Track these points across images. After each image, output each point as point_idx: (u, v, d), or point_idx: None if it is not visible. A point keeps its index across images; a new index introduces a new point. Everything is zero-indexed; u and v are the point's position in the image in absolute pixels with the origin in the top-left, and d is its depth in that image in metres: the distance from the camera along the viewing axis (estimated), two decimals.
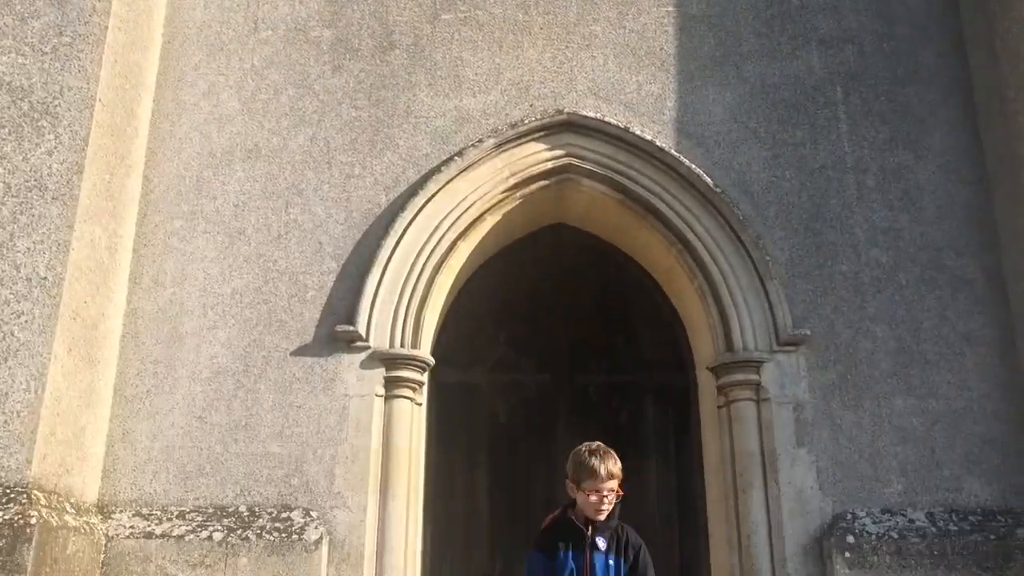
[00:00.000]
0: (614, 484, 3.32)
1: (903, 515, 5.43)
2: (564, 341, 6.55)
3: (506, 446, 6.27)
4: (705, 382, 6.09)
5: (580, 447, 3.41)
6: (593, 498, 3.30)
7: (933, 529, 5.35)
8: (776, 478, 5.51)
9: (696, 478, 6.14)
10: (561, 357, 6.49)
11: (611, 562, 3.34)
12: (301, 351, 5.64)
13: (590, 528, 3.34)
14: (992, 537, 5.31)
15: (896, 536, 5.31)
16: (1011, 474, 5.53)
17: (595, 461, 3.30)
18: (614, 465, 3.33)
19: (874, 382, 5.69)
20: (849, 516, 5.41)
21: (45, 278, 4.98)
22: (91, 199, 5.26)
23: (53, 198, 5.11)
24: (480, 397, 6.37)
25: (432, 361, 5.81)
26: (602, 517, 3.33)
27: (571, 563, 3.30)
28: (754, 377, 5.72)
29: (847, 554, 5.23)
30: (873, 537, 5.30)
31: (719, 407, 5.86)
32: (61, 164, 5.18)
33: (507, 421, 6.32)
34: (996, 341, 5.78)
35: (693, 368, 6.33)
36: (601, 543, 3.33)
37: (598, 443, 3.44)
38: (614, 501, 3.34)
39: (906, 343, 5.76)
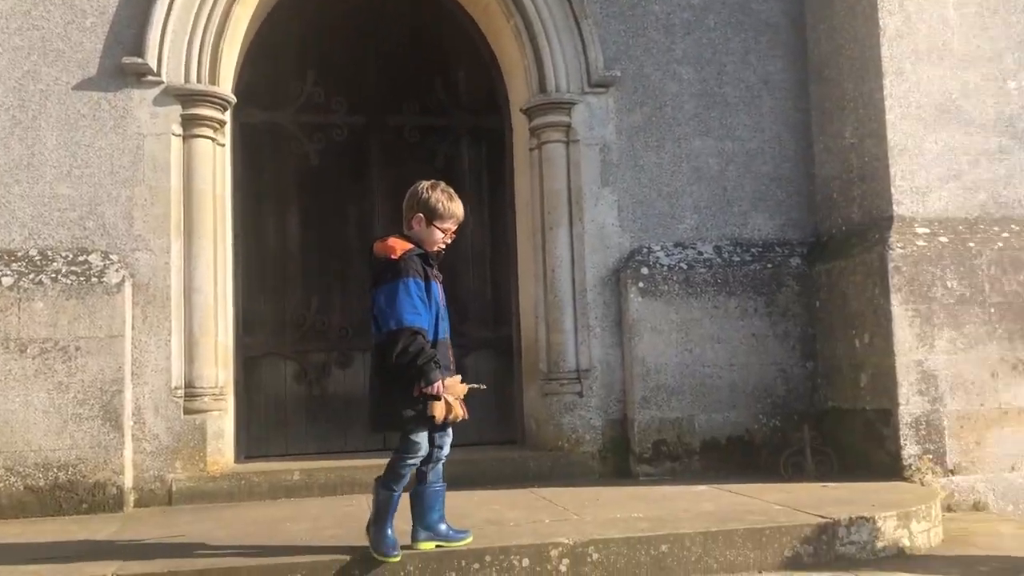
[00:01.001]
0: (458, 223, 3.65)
1: (694, 248, 5.85)
2: (378, 81, 6.31)
3: (318, 188, 6.15)
4: (519, 124, 6.12)
5: (424, 185, 3.62)
6: (441, 235, 3.60)
7: (719, 260, 5.82)
8: (581, 216, 5.75)
9: (508, 217, 6.33)
10: (375, 98, 6.28)
11: (441, 288, 3.66)
12: (85, 85, 5.18)
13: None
14: (769, 266, 5.84)
15: (686, 267, 5.74)
16: (791, 209, 6.01)
17: (453, 203, 3.60)
18: (462, 207, 3.66)
19: (677, 124, 5.90)
20: (645, 250, 5.78)
21: None
22: None
23: None
24: (289, 138, 6.13)
25: (233, 99, 5.50)
26: (441, 250, 3.65)
27: (438, 292, 3.59)
28: (565, 119, 5.79)
29: (640, 284, 5.64)
30: (665, 268, 5.71)
31: (531, 149, 5.94)
32: None
33: (318, 163, 6.16)
34: (792, 85, 6.06)
35: (509, 110, 6.32)
36: (437, 273, 3.63)
37: (441, 183, 3.67)
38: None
39: (710, 86, 5.94)
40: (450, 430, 3.64)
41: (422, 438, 3.52)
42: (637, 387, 5.58)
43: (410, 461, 3.53)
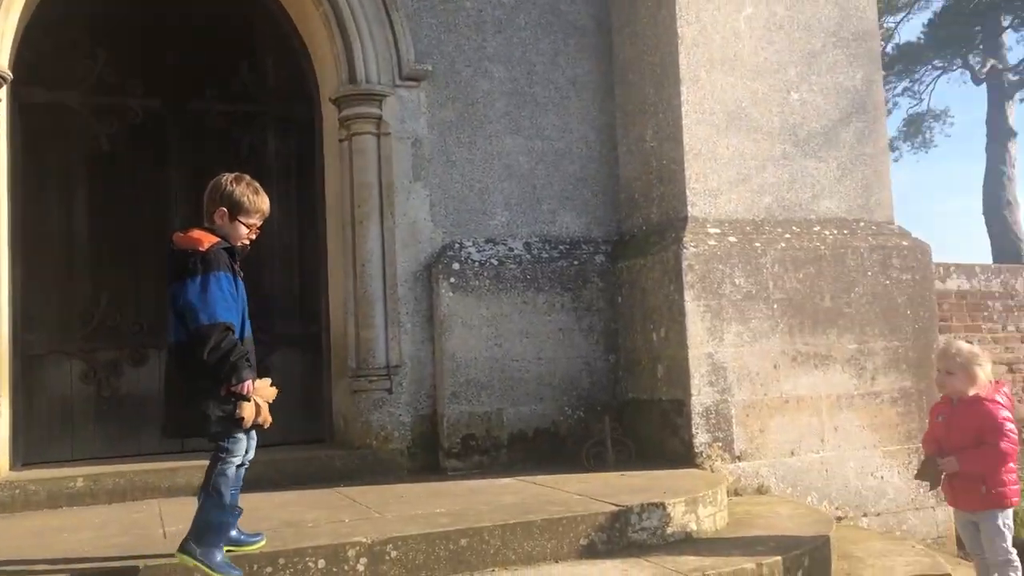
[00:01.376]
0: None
1: (504, 244, 5.92)
2: (178, 64, 5.98)
3: (110, 175, 5.75)
4: (330, 114, 5.98)
5: (228, 178, 3.48)
6: (245, 231, 3.48)
7: (528, 256, 5.92)
8: (392, 210, 5.69)
9: (318, 210, 6.17)
10: (174, 81, 5.95)
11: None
12: None
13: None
14: (576, 263, 6.00)
15: (496, 263, 5.80)
16: (597, 208, 6.20)
17: (258, 198, 3.48)
18: (268, 202, 3.56)
19: (488, 121, 5.95)
20: (456, 246, 5.80)
21: None
22: None
23: None
24: (76, 120, 5.70)
25: (9, 75, 5.05)
26: (246, 246, 3.53)
27: (244, 290, 3.47)
28: (376, 111, 5.71)
29: (452, 279, 5.65)
30: (476, 264, 5.75)
31: (341, 140, 5.82)
32: None
33: (111, 148, 5.76)
34: (599, 87, 6.24)
35: (319, 100, 6.16)
36: (239, 269, 3.49)
37: (246, 176, 3.53)
38: None
39: (520, 85, 6.03)
40: (254, 433, 3.50)
41: (240, 436, 3.38)
42: (447, 382, 5.59)
43: (234, 460, 3.38)
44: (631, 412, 5.83)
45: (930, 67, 21.27)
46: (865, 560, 4.43)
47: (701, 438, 5.26)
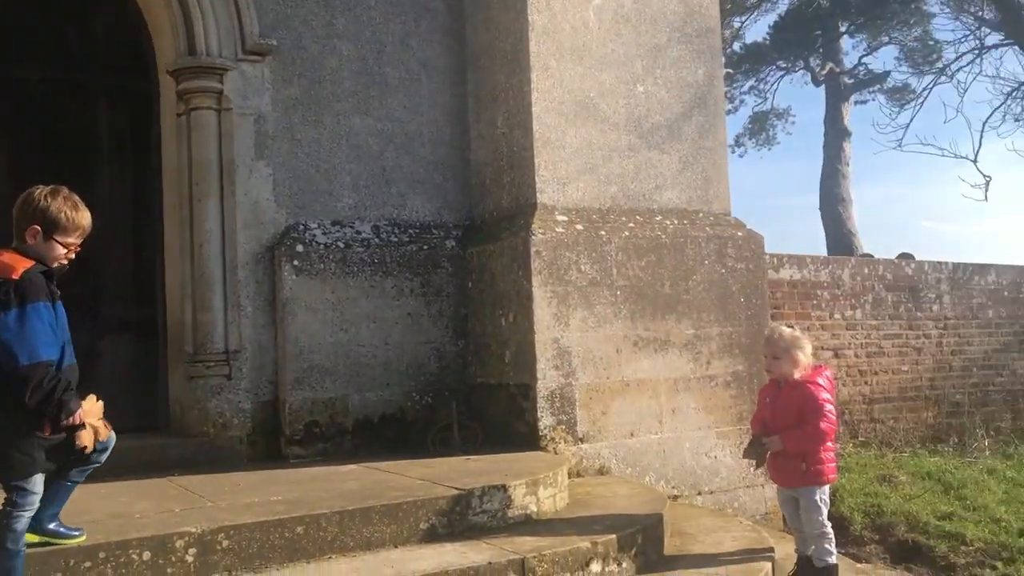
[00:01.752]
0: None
1: (351, 227, 5.82)
2: None
3: None
4: (167, 87, 5.69)
5: (42, 192, 3.15)
6: (63, 251, 3.16)
7: (377, 240, 5.84)
8: (233, 189, 5.49)
9: (155, 188, 5.86)
10: None
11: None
12: None
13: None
14: (426, 247, 5.97)
15: (343, 246, 5.69)
16: (448, 192, 6.18)
17: (78, 214, 3.16)
18: (89, 217, 3.22)
19: (336, 100, 5.82)
20: (301, 227, 5.65)
21: None
22: None
23: None
24: None
25: None
26: (64, 265, 3.21)
27: (63, 312, 3.15)
28: (217, 85, 5.48)
29: (295, 262, 5.51)
30: (322, 247, 5.62)
31: (179, 114, 5.56)
32: None
33: None
34: (451, 71, 6.21)
35: (157, 71, 5.85)
36: (56, 289, 3.16)
37: (63, 188, 3.18)
38: None
39: (369, 64, 5.92)
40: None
41: (38, 482, 3.09)
42: (290, 368, 5.45)
43: (27, 514, 3.06)
44: (480, 397, 5.86)
45: (775, 67, 22.31)
46: (696, 536, 4.62)
47: (546, 421, 5.34)
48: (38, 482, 3.10)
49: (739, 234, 6.20)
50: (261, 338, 5.49)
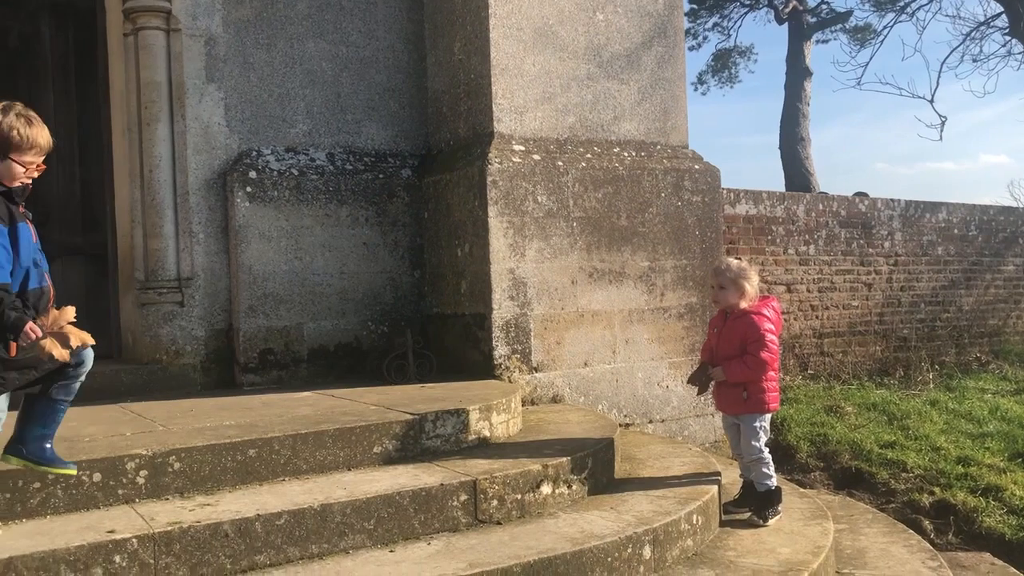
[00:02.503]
0: None
1: (306, 154, 5.73)
2: None
3: None
4: (113, 5, 5.51)
5: None
6: (22, 169, 3.04)
7: (331, 168, 5.76)
8: (183, 113, 5.36)
9: (102, 110, 5.72)
10: None
11: (33, 228, 3.12)
12: None
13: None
14: (381, 176, 5.90)
15: (297, 173, 5.61)
16: (404, 120, 6.10)
17: (33, 130, 3.02)
18: (47, 134, 3.09)
19: (290, 23, 5.67)
20: (254, 153, 5.55)
21: None
22: None
23: None
24: None
25: None
26: (27, 184, 3.09)
27: (30, 233, 3.04)
28: (165, 5, 5.31)
29: (248, 188, 5.42)
30: (275, 173, 5.53)
31: (126, 34, 5.39)
32: None
33: None
34: None
35: None
36: (26, 211, 3.09)
37: (17, 104, 3.05)
38: None
39: None
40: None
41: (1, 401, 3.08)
42: (244, 296, 5.40)
43: None
44: (435, 326, 5.88)
45: (738, 4, 22.18)
46: (645, 462, 4.72)
47: (501, 350, 5.38)
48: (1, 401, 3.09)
49: (696, 167, 6.21)
50: (214, 265, 5.43)
